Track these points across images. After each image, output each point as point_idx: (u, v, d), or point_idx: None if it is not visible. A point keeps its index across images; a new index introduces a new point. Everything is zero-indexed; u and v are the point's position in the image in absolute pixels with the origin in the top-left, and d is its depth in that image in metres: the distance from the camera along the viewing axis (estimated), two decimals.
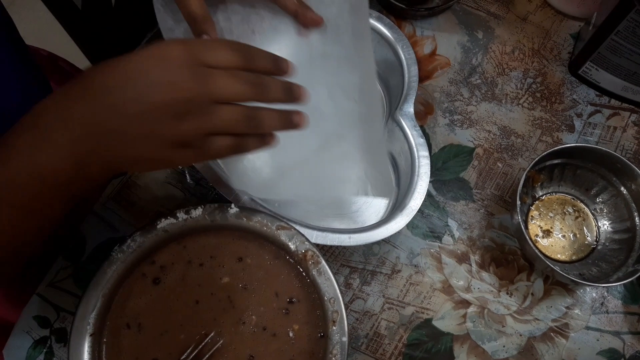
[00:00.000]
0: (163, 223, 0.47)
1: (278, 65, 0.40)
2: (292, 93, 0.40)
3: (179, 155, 0.37)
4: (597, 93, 0.63)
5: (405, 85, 0.56)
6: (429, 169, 0.52)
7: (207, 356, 0.45)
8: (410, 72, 0.56)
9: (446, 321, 0.55)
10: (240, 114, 0.37)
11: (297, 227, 0.48)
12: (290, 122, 0.40)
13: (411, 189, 0.51)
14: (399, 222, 0.51)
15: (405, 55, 0.57)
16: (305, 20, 0.49)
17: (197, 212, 0.47)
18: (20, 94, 0.48)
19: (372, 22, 0.57)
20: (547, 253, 0.56)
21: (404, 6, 0.63)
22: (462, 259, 0.57)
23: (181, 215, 0.47)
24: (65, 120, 0.35)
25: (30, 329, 0.55)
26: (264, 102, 0.38)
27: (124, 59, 0.35)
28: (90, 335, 0.44)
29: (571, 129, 0.61)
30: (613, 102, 0.62)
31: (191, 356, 0.45)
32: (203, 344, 0.45)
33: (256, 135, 0.40)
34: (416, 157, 0.52)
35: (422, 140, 0.53)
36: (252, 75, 0.37)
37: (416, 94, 0.56)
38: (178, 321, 0.46)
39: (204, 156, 0.39)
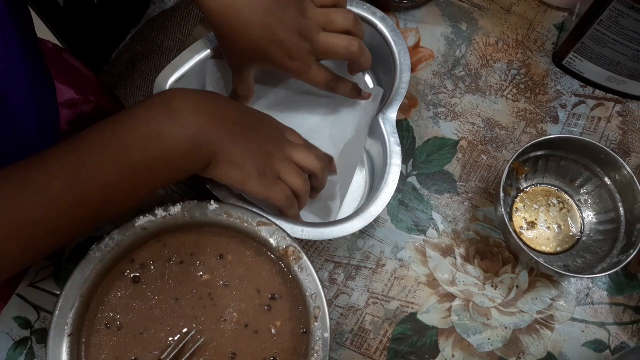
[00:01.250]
0: (141, 220, 0.46)
1: (330, 163, 0.53)
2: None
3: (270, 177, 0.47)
4: (581, 84, 0.62)
5: (393, 90, 0.55)
6: (398, 178, 0.51)
7: (188, 354, 0.44)
8: (402, 78, 0.55)
9: (431, 315, 0.54)
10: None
11: (277, 222, 0.47)
12: None
13: (376, 195, 0.51)
14: (355, 225, 0.50)
15: (401, 60, 0.56)
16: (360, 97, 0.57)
17: (176, 209, 0.46)
18: (27, 83, 0.48)
19: (376, 22, 0.57)
20: (531, 245, 0.56)
21: None
22: (447, 252, 0.56)
23: (159, 212, 0.46)
24: (196, 108, 0.43)
25: (10, 330, 0.54)
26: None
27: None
28: (69, 335, 0.44)
29: (555, 120, 0.61)
30: (597, 92, 0.62)
31: (172, 354, 0.44)
32: (184, 342, 0.45)
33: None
34: (388, 164, 0.52)
35: (397, 149, 0.52)
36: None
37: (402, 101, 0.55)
38: (158, 319, 0.46)
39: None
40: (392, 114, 0.54)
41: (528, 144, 0.52)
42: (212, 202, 0.47)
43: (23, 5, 0.49)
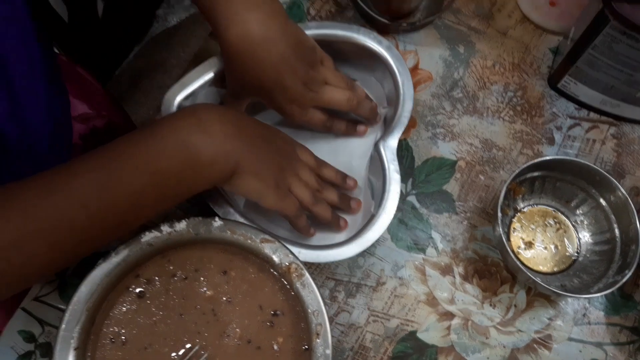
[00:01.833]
0: (147, 236, 0.47)
1: (343, 182, 0.56)
2: (345, 202, 0.55)
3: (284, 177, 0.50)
4: (576, 106, 0.64)
5: (395, 118, 0.56)
6: (396, 204, 0.52)
7: None
8: (405, 107, 0.57)
9: (431, 333, 0.55)
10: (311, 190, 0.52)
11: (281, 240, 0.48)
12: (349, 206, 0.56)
13: (374, 221, 0.52)
14: (351, 250, 0.51)
15: (405, 90, 0.57)
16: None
17: (181, 225, 0.47)
18: (45, 99, 0.49)
19: (382, 51, 0.58)
20: (529, 265, 0.57)
21: (386, 21, 0.64)
22: (446, 271, 0.57)
23: (165, 228, 0.47)
24: (221, 119, 0.45)
25: (15, 344, 0.54)
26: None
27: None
28: (75, 349, 0.44)
29: (551, 141, 0.62)
30: (592, 115, 0.64)
31: None
32: (188, 357, 0.45)
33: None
34: (387, 191, 0.53)
35: (397, 176, 0.54)
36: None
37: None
38: (162, 334, 0.46)
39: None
40: (393, 141, 0.55)
41: (525, 165, 0.54)
42: (216, 219, 0.48)
43: (45, 23, 0.51)
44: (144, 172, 0.42)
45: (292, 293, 0.47)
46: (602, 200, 0.56)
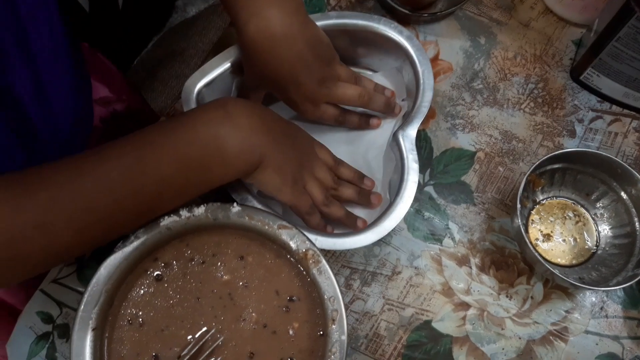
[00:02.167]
0: (166, 221, 0.47)
1: (360, 180, 0.57)
2: (364, 197, 0.56)
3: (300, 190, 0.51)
4: (599, 99, 0.63)
5: (415, 108, 0.56)
6: (414, 194, 0.52)
7: (207, 352, 0.45)
8: (424, 97, 0.56)
9: (446, 323, 0.55)
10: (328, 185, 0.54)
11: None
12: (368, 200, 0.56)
13: (391, 210, 0.52)
14: (368, 238, 0.51)
15: (425, 80, 0.57)
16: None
17: (200, 210, 0.48)
18: (69, 79, 0.50)
19: (403, 41, 0.58)
20: (547, 257, 0.56)
21: (407, 11, 0.64)
22: (463, 261, 0.57)
23: (184, 213, 0.47)
24: (249, 113, 0.45)
25: (33, 324, 0.55)
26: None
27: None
28: (93, 329, 0.45)
29: (572, 134, 0.62)
30: (614, 108, 0.63)
31: (192, 352, 0.45)
32: (204, 340, 0.46)
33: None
34: (405, 180, 0.53)
35: (415, 166, 0.53)
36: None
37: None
38: (179, 317, 0.47)
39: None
40: (412, 131, 0.55)
41: (545, 157, 0.53)
42: (234, 204, 0.48)
43: (68, 4, 0.52)
44: (172, 160, 0.42)
45: (309, 279, 0.47)
46: (623, 194, 0.55)
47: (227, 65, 0.56)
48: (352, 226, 0.54)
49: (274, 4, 0.49)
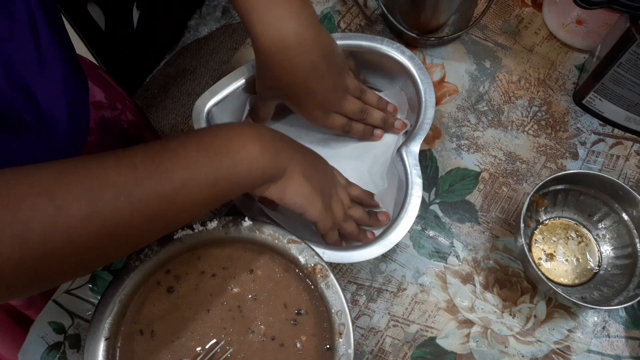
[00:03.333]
0: (180, 234, 0.49)
1: (370, 200, 0.58)
2: (373, 218, 0.57)
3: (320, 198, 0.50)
4: (601, 122, 0.65)
5: (417, 125, 0.58)
6: (418, 209, 0.53)
7: None
8: (427, 114, 0.58)
9: (450, 340, 0.56)
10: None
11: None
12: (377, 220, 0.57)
13: (395, 224, 0.53)
14: (374, 251, 0.52)
15: (427, 97, 0.59)
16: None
17: (213, 224, 0.49)
18: (57, 76, 0.50)
19: (405, 61, 0.60)
20: (550, 276, 0.57)
21: (415, 35, 0.66)
22: (467, 279, 0.58)
23: (197, 226, 0.49)
24: (268, 130, 0.46)
25: (45, 334, 0.56)
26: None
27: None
28: (106, 339, 0.46)
29: (575, 156, 0.63)
30: (616, 131, 0.64)
31: None
32: (213, 352, 0.47)
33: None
34: (409, 195, 0.54)
35: (419, 181, 0.55)
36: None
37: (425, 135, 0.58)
38: (190, 329, 0.48)
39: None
40: (415, 147, 0.57)
41: (549, 178, 0.54)
42: (246, 219, 0.49)
43: (85, 22, 0.52)
44: (206, 184, 0.41)
45: (317, 293, 0.48)
46: (624, 215, 0.56)
47: (237, 84, 0.58)
48: (363, 239, 0.56)
49: (288, 15, 0.49)
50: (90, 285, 0.58)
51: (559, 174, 0.55)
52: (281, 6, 0.49)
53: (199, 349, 0.47)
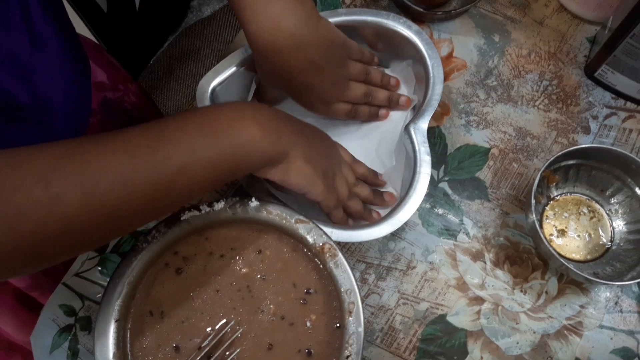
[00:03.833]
0: (187, 215, 0.48)
1: (374, 178, 0.58)
2: (378, 197, 0.57)
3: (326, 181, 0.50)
4: (613, 96, 0.63)
5: (426, 101, 0.57)
6: (427, 186, 0.53)
7: (227, 344, 0.46)
8: (435, 90, 0.57)
9: (460, 317, 0.55)
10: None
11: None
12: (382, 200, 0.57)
13: (404, 202, 0.52)
14: (383, 230, 0.52)
15: (434, 73, 0.58)
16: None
17: (220, 205, 0.49)
18: (53, 52, 0.49)
19: (412, 36, 0.59)
20: (561, 252, 0.57)
21: (421, 9, 0.64)
22: (477, 256, 0.57)
23: (204, 208, 0.49)
24: (270, 109, 0.45)
25: (56, 317, 0.57)
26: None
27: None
28: (116, 321, 0.46)
29: (587, 130, 0.62)
30: (629, 104, 0.63)
31: (212, 343, 0.46)
32: (223, 332, 0.47)
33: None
34: (417, 173, 0.53)
35: (427, 158, 0.54)
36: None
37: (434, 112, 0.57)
38: (199, 309, 0.48)
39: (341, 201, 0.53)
40: (423, 124, 0.56)
41: (560, 153, 0.53)
42: (253, 199, 0.49)
43: (87, 4, 0.51)
44: (220, 147, 0.41)
45: (325, 272, 0.48)
46: (637, 190, 0.55)
47: (241, 64, 0.57)
48: (369, 218, 0.55)
49: (282, 13, 0.48)
50: (100, 268, 0.58)
51: (571, 148, 0.54)
52: (276, 3, 0.47)
53: (209, 329, 0.47)
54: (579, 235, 0.57)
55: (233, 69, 0.57)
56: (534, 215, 0.52)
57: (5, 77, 0.43)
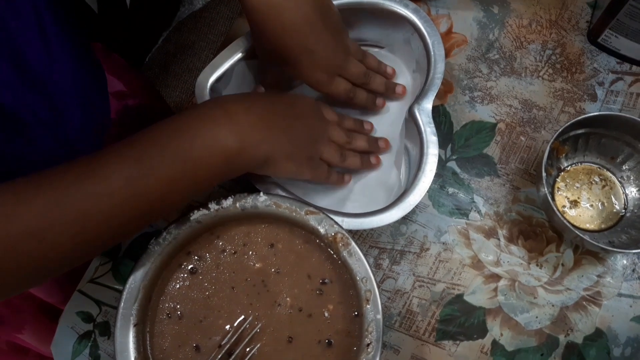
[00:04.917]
0: (196, 214, 0.48)
1: (362, 127, 0.58)
2: (374, 144, 0.58)
3: (312, 166, 0.51)
4: (618, 60, 0.62)
5: (428, 80, 0.56)
6: (435, 167, 0.52)
7: (247, 340, 0.46)
8: (437, 68, 0.56)
9: (477, 295, 0.55)
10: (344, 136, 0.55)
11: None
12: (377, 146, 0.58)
13: (414, 185, 0.52)
14: (394, 215, 0.51)
15: (435, 51, 0.56)
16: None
17: (228, 202, 0.48)
18: (67, 67, 0.49)
19: (409, 14, 0.58)
20: (575, 223, 0.56)
21: None
22: (490, 233, 0.57)
23: (213, 205, 0.48)
24: (248, 110, 0.45)
25: (74, 324, 0.57)
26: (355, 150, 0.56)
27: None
28: (135, 325, 0.46)
29: (593, 98, 0.61)
30: (634, 68, 0.62)
31: (232, 340, 0.46)
32: (242, 328, 0.47)
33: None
34: (425, 154, 0.53)
35: (434, 139, 0.53)
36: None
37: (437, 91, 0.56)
38: (216, 307, 0.48)
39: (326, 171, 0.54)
40: (427, 104, 0.55)
41: (568, 123, 0.53)
42: (261, 194, 0.49)
43: (76, 6, 0.51)
44: (175, 162, 0.41)
45: (339, 262, 0.48)
46: None
47: (238, 56, 0.56)
48: (369, 167, 0.57)
49: None
50: (114, 273, 0.58)
51: (579, 118, 0.53)
52: None
53: (227, 326, 0.47)
54: (592, 205, 0.57)
55: (231, 61, 0.57)
56: (545, 188, 0.52)
57: (26, 90, 0.43)
